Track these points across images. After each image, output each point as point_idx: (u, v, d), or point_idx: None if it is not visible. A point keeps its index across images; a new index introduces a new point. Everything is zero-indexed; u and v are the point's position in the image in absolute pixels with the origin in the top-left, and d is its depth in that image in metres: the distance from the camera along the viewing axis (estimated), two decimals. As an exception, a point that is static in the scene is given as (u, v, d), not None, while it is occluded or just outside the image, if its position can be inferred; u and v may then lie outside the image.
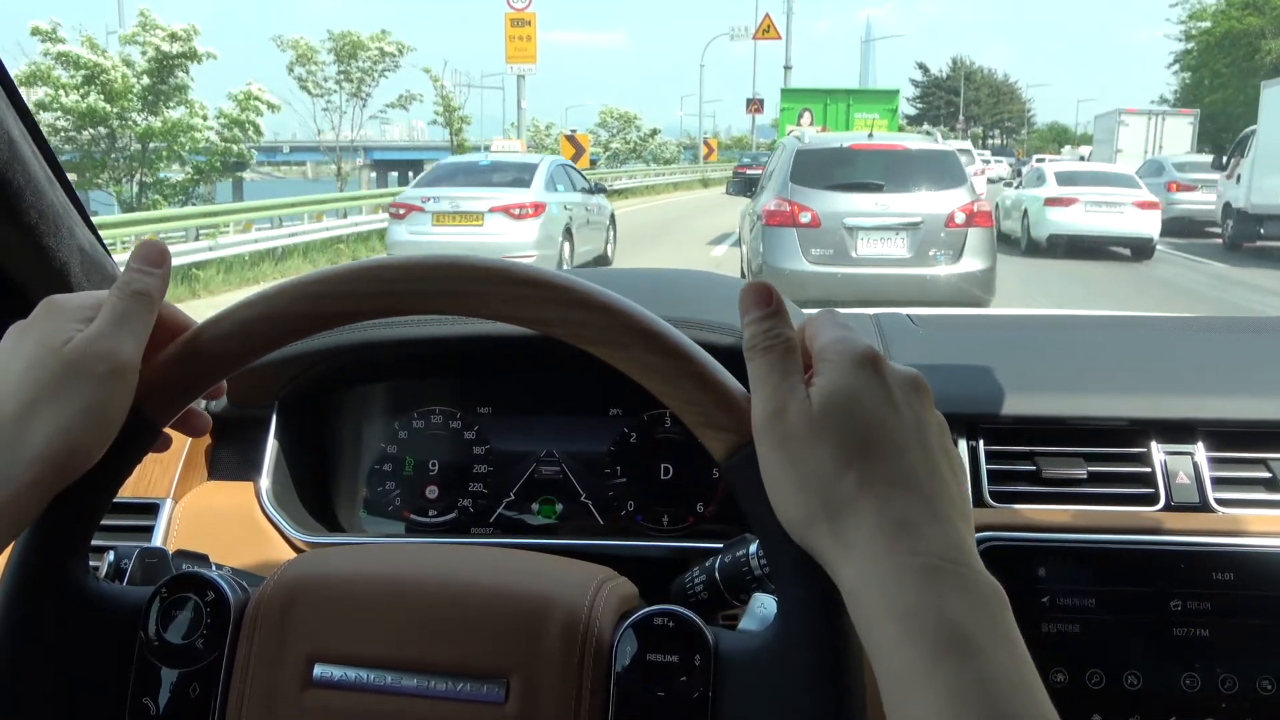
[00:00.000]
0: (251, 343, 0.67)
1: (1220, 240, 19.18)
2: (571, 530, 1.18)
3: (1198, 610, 1.04)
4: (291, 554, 1.10)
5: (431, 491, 1.20)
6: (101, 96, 18.62)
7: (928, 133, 11.95)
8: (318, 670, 0.66)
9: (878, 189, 8.64)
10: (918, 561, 0.53)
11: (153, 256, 0.68)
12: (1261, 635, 1.04)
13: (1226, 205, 18.75)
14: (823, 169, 8.91)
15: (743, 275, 9.13)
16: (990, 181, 35.36)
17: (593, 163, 46.61)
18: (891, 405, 0.58)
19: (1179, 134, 35.41)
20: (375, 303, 0.66)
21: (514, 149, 24.26)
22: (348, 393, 1.24)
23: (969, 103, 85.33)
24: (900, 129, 35.06)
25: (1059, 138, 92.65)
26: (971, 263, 8.35)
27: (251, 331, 0.67)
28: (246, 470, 1.18)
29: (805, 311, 1.18)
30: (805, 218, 8.49)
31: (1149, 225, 16.40)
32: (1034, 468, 1.12)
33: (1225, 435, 1.12)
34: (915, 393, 0.59)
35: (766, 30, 44.20)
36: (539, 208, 12.32)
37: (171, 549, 0.82)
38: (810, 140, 9.80)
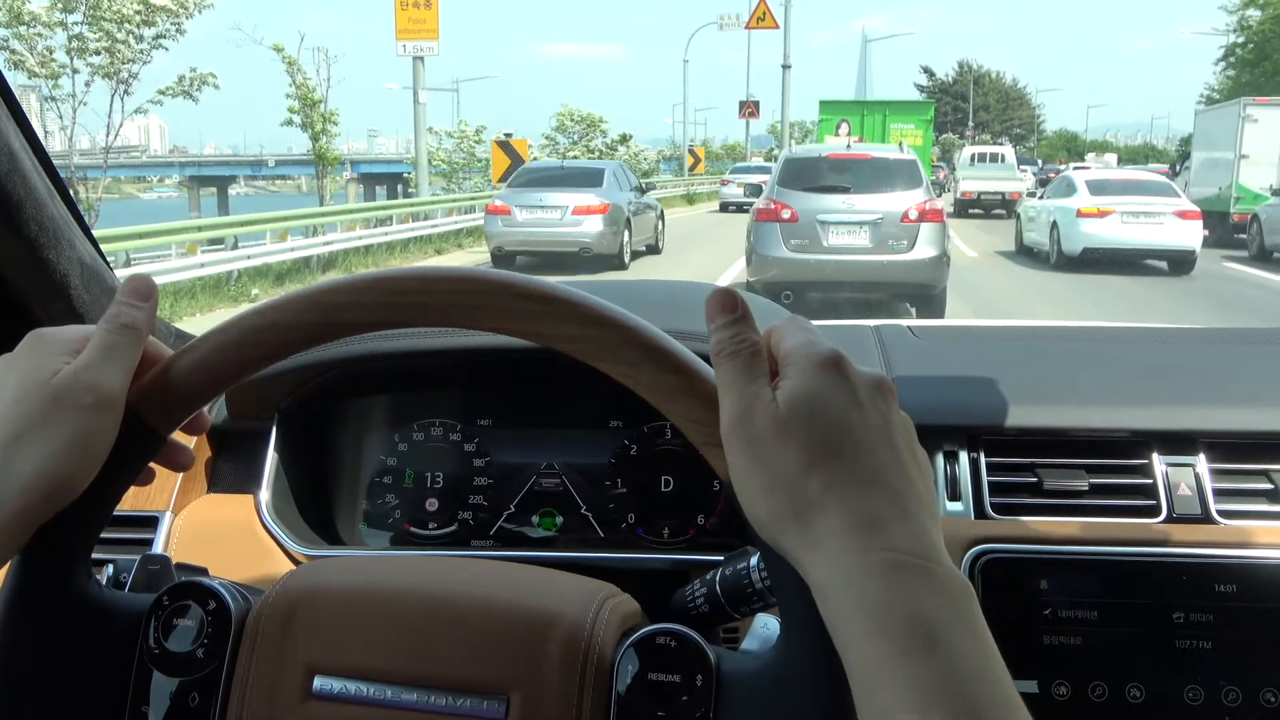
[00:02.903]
0: (258, 351, 0.67)
1: None
2: (572, 543, 1.18)
3: (1200, 622, 1.03)
4: (291, 567, 1.10)
5: (431, 504, 1.20)
6: None
7: (899, 145, 13.21)
8: (318, 682, 0.66)
9: (845, 190, 10.38)
10: (885, 558, 0.53)
11: (141, 290, 0.69)
12: (1265, 647, 1.03)
13: None
14: (805, 174, 10.76)
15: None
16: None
17: None
18: (856, 405, 0.58)
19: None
20: (384, 314, 0.66)
21: (761, 162, 39.16)
22: (348, 405, 1.23)
23: (977, 108, 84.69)
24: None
25: (1069, 145, 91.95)
26: (924, 250, 10.00)
27: (259, 340, 0.67)
28: (246, 483, 1.18)
29: (802, 306, 1.18)
30: (786, 214, 10.33)
31: (1190, 237, 14.96)
32: (1035, 479, 1.12)
33: (1227, 447, 1.12)
34: (880, 393, 0.60)
35: (762, 18, 39.03)
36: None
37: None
38: (797, 150, 12.26)
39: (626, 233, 15.95)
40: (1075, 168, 31.69)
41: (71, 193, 1.09)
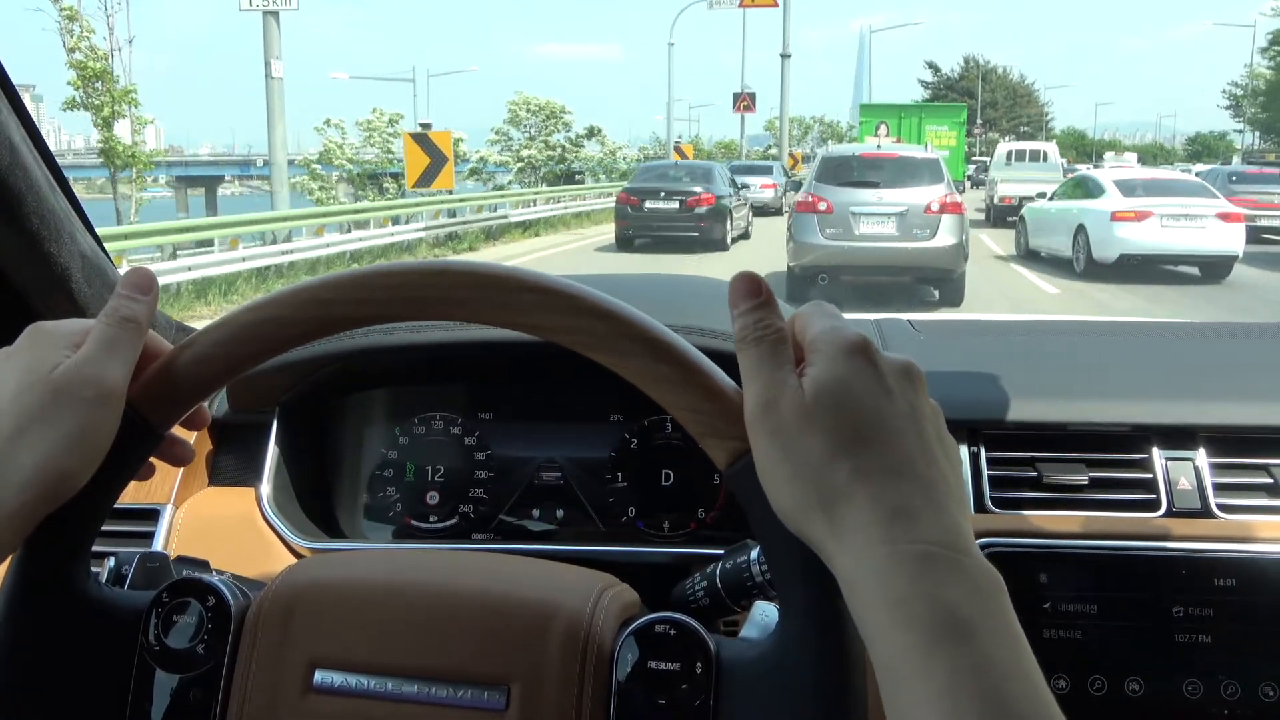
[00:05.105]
0: (254, 347, 0.67)
1: None
2: (572, 536, 1.18)
3: (1200, 616, 1.04)
4: (292, 560, 1.10)
5: (432, 497, 1.20)
6: None
7: (925, 145, 14.67)
8: (318, 676, 0.66)
9: (875, 185, 11.76)
10: (914, 549, 0.52)
11: (141, 284, 0.68)
12: (1264, 641, 1.03)
13: None
14: (839, 170, 12.14)
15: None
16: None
17: (492, 177, 33.12)
18: (885, 393, 0.57)
19: None
20: (381, 308, 0.66)
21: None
22: (349, 398, 1.24)
23: (984, 105, 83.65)
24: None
25: (1077, 144, 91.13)
26: (945, 238, 11.34)
27: (255, 335, 0.67)
28: (247, 476, 1.18)
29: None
30: (822, 206, 11.68)
31: (1233, 241, 13.83)
32: (1035, 473, 1.12)
33: (1227, 441, 1.12)
34: (908, 380, 0.59)
35: (758, -6, 36.37)
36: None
37: (172, 555, 0.82)
38: (833, 150, 13.81)
39: (784, 199, 25.21)
40: (1113, 165, 29.98)
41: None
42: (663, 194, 18.78)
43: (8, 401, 0.62)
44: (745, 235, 21.23)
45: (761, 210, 25.85)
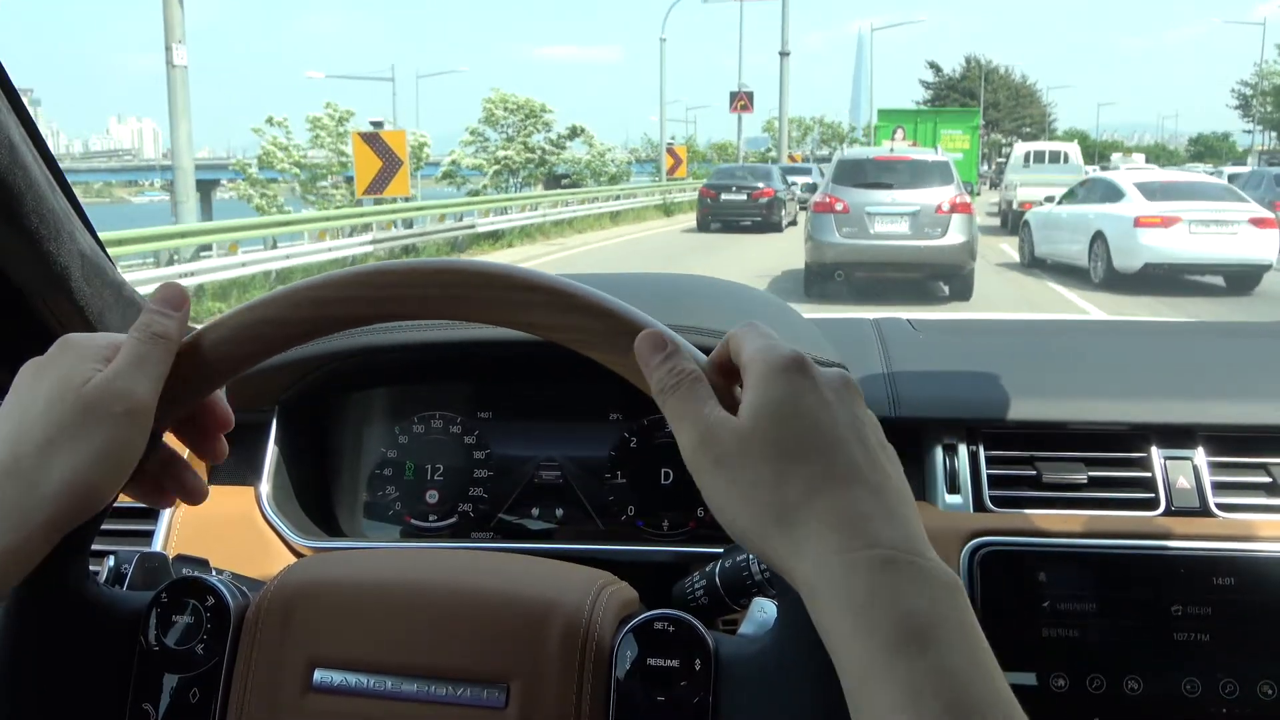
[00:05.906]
0: (252, 347, 0.67)
1: None
2: (572, 535, 1.18)
3: (1198, 615, 1.04)
4: (292, 559, 1.10)
5: (432, 496, 1.21)
6: None
7: (935, 148, 15.23)
8: (318, 675, 0.66)
9: (889, 186, 12.40)
10: (871, 554, 0.53)
11: (173, 299, 0.68)
12: (1262, 640, 1.03)
13: None
14: (855, 172, 12.82)
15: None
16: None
17: (466, 180, 31.01)
18: (824, 405, 0.58)
19: None
20: (376, 307, 0.67)
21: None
22: (348, 397, 1.24)
23: (986, 106, 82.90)
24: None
25: (1079, 145, 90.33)
26: (955, 237, 11.94)
27: (253, 335, 0.67)
28: (247, 475, 1.18)
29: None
30: (839, 206, 12.32)
31: (1267, 248, 12.52)
32: (1034, 472, 1.12)
33: (1225, 440, 1.12)
34: (846, 390, 0.60)
35: (757, -15, 35.34)
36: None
37: (171, 554, 0.82)
38: (848, 153, 14.85)
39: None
40: (1128, 168, 27.68)
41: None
42: (734, 188, 24.34)
43: (39, 414, 0.62)
44: (794, 222, 24.63)
45: (802, 204, 28.08)
